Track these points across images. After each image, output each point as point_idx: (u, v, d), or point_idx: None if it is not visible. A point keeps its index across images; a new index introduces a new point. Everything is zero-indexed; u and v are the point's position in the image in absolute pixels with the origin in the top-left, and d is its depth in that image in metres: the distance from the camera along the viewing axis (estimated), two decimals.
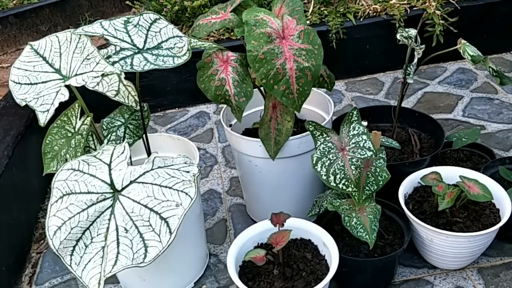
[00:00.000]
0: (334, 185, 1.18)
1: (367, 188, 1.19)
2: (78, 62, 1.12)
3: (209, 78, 1.28)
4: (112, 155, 1.11)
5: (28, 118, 1.80)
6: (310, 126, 1.25)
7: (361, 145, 1.20)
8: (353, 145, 1.21)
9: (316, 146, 1.22)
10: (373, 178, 1.19)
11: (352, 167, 1.17)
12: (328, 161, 1.18)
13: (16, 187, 1.64)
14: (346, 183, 1.17)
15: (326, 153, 1.20)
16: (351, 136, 1.23)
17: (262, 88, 1.40)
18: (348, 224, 1.17)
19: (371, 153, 1.18)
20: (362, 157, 1.18)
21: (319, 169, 1.18)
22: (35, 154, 1.54)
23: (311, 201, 1.37)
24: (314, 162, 1.19)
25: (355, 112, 1.25)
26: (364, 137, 1.21)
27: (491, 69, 1.36)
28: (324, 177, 1.18)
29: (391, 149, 1.51)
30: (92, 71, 1.08)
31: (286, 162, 1.37)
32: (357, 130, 1.23)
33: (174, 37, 1.21)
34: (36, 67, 1.16)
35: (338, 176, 1.17)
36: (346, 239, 1.29)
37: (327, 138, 1.22)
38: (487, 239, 1.27)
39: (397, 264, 1.31)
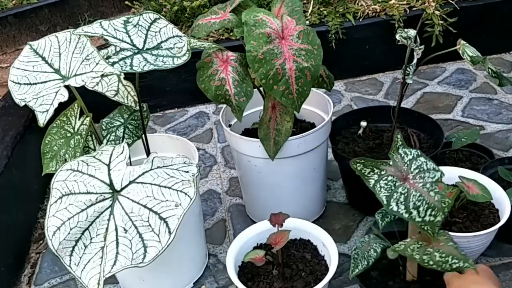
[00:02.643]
0: (420, 219, 1.02)
1: None
2: (77, 63, 1.12)
3: (209, 78, 1.28)
4: (111, 155, 1.11)
5: (27, 118, 1.80)
6: (358, 165, 1.06)
7: (425, 168, 1.05)
8: (416, 171, 1.06)
9: (372, 185, 1.04)
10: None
11: (431, 193, 1.02)
12: (402, 196, 1.02)
13: (15, 188, 1.63)
14: (433, 212, 1.02)
15: (393, 188, 1.03)
16: (408, 162, 1.07)
17: (261, 88, 1.40)
18: (431, 262, 1.01)
19: (439, 172, 1.04)
20: (434, 180, 1.03)
21: (396, 209, 1.01)
22: (34, 154, 1.53)
23: (310, 201, 1.37)
24: (386, 202, 1.02)
25: (399, 137, 1.10)
26: (422, 159, 1.06)
27: (490, 70, 1.36)
28: (406, 215, 1.01)
29: None
30: (91, 71, 1.08)
31: (286, 162, 1.37)
32: (411, 155, 1.08)
33: (173, 37, 1.21)
34: (36, 67, 1.16)
35: (421, 209, 1.01)
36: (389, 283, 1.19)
37: (383, 173, 1.05)
38: (486, 240, 1.27)
39: None
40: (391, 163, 1.07)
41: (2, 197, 1.52)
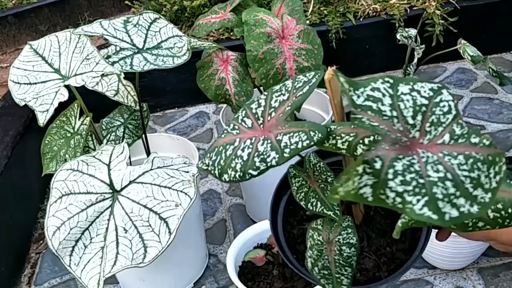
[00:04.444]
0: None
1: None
2: (77, 62, 1.11)
3: (209, 78, 1.28)
4: (111, 155, 1.11)
5: (27, 118, 1.80)
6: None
7: None
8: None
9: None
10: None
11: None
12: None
13: (15, 188, 1.63)
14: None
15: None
16: None
17: (261, 87, 1.39)
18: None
19: None
20: None
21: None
22: (34, 154, 1.53)
23: None
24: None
25: None
26: None
27: (491, 70, 1.36)
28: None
29: None
30: (91, 71, 1.07)
31: (286, 162, 1.36)
32: None
33: (173, 36, 1.20)
34: (36, 67, 1.16)
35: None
36: None
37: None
38: None
39: None
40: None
41: (2, 197, 1.51)
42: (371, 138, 0.60)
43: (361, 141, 0.60)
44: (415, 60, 1.55)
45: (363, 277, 0.76)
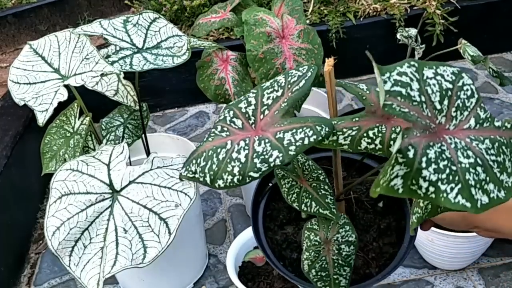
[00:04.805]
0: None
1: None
2: (77, 62, 1.11)
3: (208, 77, 1.27)
4: (111, 155, 1.10)
5: (27, 118, 1.80)
6: None
7: None
8: None
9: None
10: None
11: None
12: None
13: (15, 187, 1.63)
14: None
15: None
16: None
17: None
18: None
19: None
20: None
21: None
22: (33, 154, 1.53)
23: None
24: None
25: None
26: None
27: (491, 70, 1.35)
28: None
29: None
30: (91, 70, 1.07)
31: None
32: None
33: (173, 36, 1.20)
34: (35, 66, 1.15)
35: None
36: None
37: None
38: (488, 240, 1.26)
39: None
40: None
41: (1, 197, 1.51)
42: (375, 130, 0.59)
43: (365, 135, 0.59)
44: None
45: (354, 275, 0.75)
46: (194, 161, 0.64)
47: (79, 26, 1.15)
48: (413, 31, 1.50)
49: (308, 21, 2.16)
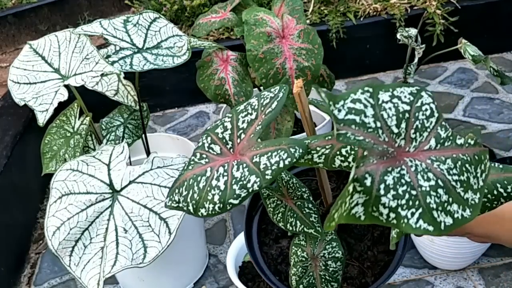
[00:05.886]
0: None
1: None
2: (77, 62, 1.11)
3: (208, 78, 1.27)
4: (111, 155, 1.10)
5: (27, 118, 1.80)
6: None
7: None
8: None
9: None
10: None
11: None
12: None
13: (15, 187, 1.63)
14: None
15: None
16: None
17: (261, 87, 1.39)
18: None
19: None
20: None
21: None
22: (34, 154, 1.53)
23: None
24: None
25: None
26: None
27: (492, 69, 1.35)
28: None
29: None
30: (91, 70, 1.07)
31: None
32: None
33: (173, 36, 1.20)
34: (35, 66, 1.15)
35: None
36: None
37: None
38: None
39: None
40: None
41: (2, 197, 1.51)
42: (348, 148, 0.59)
43: (338, 153, 0.59)
44: (416, 60, 1.54)
45: (350, 286, 0.75)
46: (176, 191, 0.63)
47: (79, 26, 1.15)
48: (413, 31, 1.50)
49: (308, 21, 2.16)
